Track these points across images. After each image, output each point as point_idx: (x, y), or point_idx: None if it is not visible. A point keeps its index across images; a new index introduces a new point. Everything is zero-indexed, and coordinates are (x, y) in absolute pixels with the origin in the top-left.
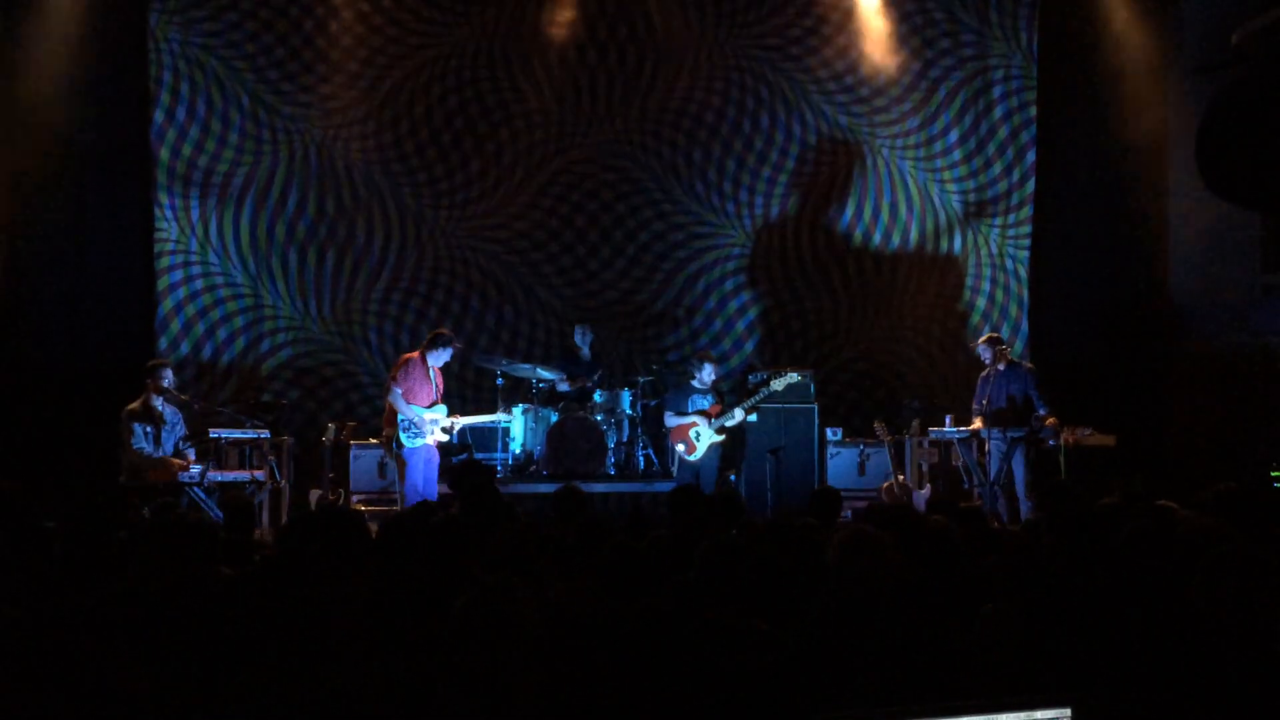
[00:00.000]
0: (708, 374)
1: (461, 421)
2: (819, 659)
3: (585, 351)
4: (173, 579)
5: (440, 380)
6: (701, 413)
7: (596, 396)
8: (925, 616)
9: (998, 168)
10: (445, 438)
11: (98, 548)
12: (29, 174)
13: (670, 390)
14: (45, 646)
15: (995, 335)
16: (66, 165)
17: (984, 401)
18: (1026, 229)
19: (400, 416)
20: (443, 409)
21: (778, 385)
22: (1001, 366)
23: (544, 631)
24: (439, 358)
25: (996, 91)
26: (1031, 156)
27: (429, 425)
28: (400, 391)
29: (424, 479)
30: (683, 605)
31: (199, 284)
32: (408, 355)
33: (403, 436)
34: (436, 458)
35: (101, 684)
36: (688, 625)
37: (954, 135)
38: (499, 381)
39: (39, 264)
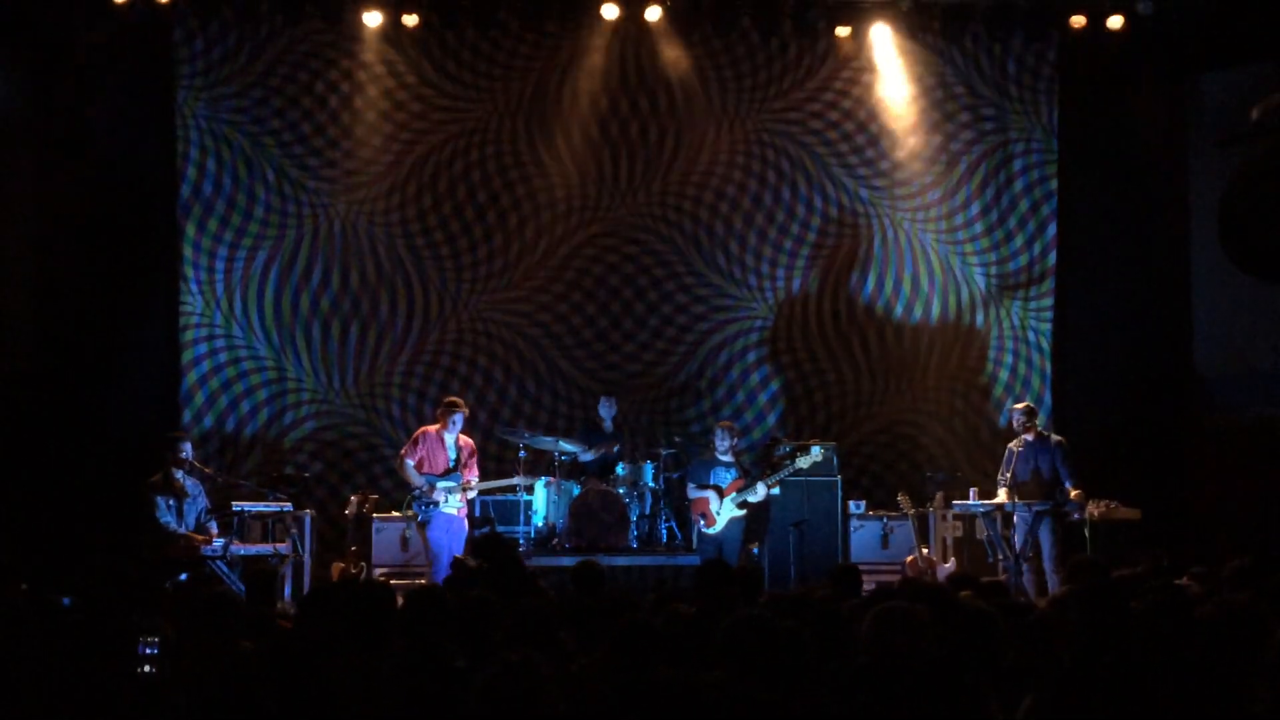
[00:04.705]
0: (720, 441)
1: (478, 486)
2: None
3: (608, 424)
4: (194, 653)
5: (465, 449)
6: (715, 488)
7: (619, 469)
8: (953, 696)
9: (1019, 240)
10: (462, 504)
11: (117, 623)
12: (56, 248)
13: (693, 461)
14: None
15: (1031, 406)
16: (93, 239)
17: (1008, 474)
18: (1049, 301)
19: (411, 487)
20: (457, 477)
21: (803, 463)
22: (1030, 438)
23: (566, 707)
24: (454, 426)
25: (1017, 165)
26: (1053, 229)
27: (440, 493)
28: (411, 464)
29: (442, 548)
30: (702, 678)
31: (223, 357)
32: (424, 428)
33: (414, 507)
34: (458, 527)
35: None
36: (707, 698)
37: (975, 208)
38: (521, 454)
39: (66, 338)
